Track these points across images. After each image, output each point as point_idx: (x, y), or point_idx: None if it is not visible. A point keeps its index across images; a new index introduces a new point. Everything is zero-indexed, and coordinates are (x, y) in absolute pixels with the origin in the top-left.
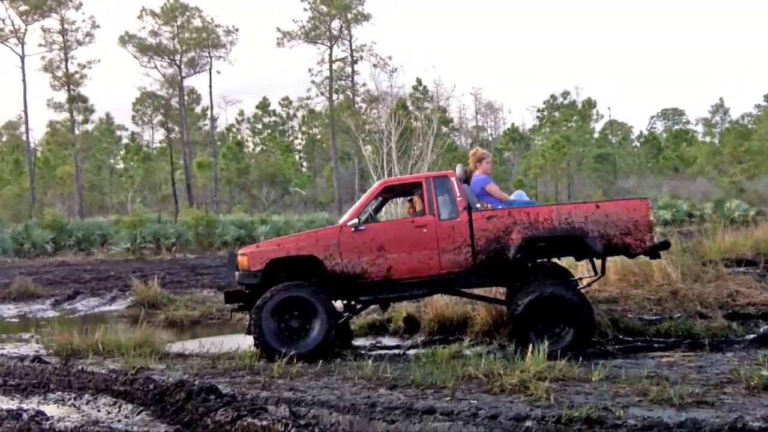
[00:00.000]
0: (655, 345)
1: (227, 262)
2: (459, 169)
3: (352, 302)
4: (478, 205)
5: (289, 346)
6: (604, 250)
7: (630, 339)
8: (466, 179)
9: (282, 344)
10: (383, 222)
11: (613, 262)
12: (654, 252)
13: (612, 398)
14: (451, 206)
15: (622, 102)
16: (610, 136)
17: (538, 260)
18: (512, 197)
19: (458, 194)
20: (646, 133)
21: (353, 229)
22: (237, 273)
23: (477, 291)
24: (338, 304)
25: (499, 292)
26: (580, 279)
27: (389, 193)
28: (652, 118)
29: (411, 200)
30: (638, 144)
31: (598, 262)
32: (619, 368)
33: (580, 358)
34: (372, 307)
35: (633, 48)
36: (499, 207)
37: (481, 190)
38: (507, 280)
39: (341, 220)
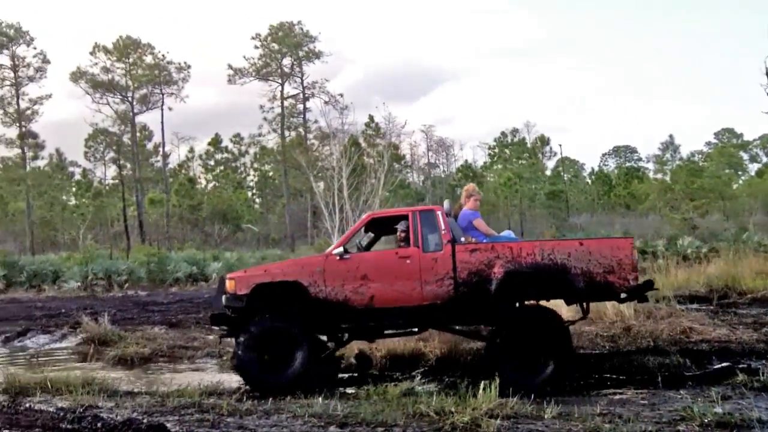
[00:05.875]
0: (608, 382)
1: (217, 286)
2: (446, 204)
3: (339, 335)
4: (463, 239)
5: (273, 377)
6: (587, 289)
7: (583, 376)
8: (454, 215)
9: (265, 374)
10: (368, 252)
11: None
12: (640, 293)
13: None
14: (436, 239)
15: (574, 140)
16: (562, 173)
17: (524, 302)
18: (502, 235)
19: (443, 228)
20: (597, 170)
21: (338, 257)
22: (224, 296)
23: None
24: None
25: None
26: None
27: (375, 225)
28: (603, 155)
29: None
30: (590, 181)
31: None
32: (572, 405)
33: (532, 396)
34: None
35: (584, 85)
36: (483, 241)
37: (468, 224)
38: (488, 313)
39: (328, 250)
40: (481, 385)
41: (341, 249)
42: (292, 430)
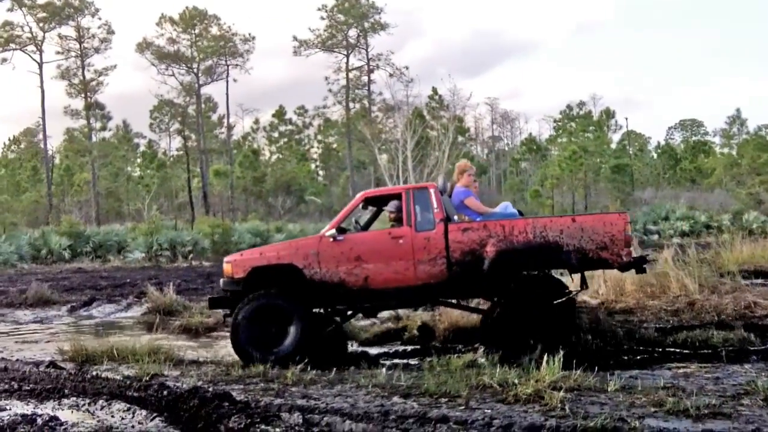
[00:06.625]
0: (672, 356)
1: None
2: (440, 180)
3: (342, 310)
4: (456, 218)
5: (265, 352)
6: (580, 265)
7: (646, 350)
8: (449, 192)
9: (258, 350)
10: (361, 233)
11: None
12: (638, 266)
13: (628, 409)
14: (428, 218)
15: (640, 113)
16: (627, 147)
17: (523, 273)
18: (498, 209)
19: (436, 206)
20: (663, 144)
21: (332, 239)
22: (221, 280)
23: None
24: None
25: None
26: (570, 292)
27: (370, 204)
28: (670, 129)
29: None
30: (655, 155)
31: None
32: (635, 379)
33: (596, 368)
34: (386, 315)
35: (651, 58)
36: (477, 219)
37: (460, 203)
38: (483, 292)
39: (321, 231)
40: (545, 358)
41: (334, 231)
42: (355, 399)
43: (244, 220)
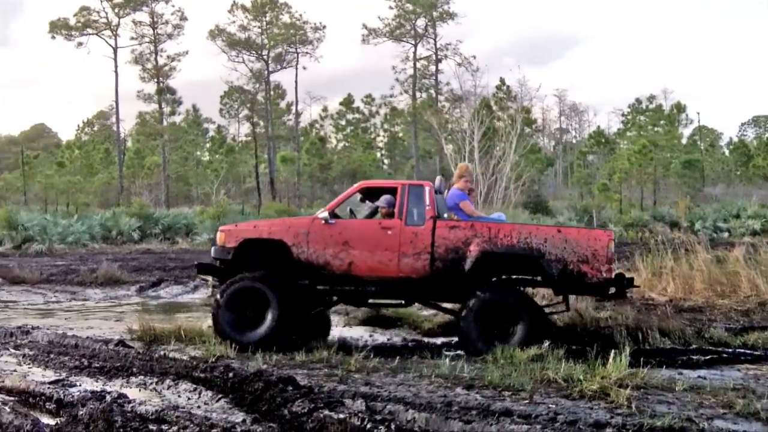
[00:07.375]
0: (742, 357)
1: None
2: (438, 180)
3: (327, 297)
4: (445, 215)
5: (244, 335)
6: (560, 276)
7: (715, 350)
8: (446, 192)
9: (236, 331)
10: (353, 219)
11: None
12: (618, 286)
13: (696, 409)
14: (420, 214)
15: (712, 107)
16: (698, 142)
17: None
18: (490, 217)
19: (428, 204)
20: (735, 139)
21: (324, 221)
22: (213, 248)
23: None
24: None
25: None
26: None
27: (367, 195)
28: (742, 125)
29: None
30: (727, 151)
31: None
32: (704, 379)
33: (664, 367)
34: (449, 305)
35: (725, 53)
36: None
37: (454, 205)
38: (462, 293)
39: (315, 213)
40: (611, 354)
41: (326, 214)
42: (418, 389)
43: (309, 207)
